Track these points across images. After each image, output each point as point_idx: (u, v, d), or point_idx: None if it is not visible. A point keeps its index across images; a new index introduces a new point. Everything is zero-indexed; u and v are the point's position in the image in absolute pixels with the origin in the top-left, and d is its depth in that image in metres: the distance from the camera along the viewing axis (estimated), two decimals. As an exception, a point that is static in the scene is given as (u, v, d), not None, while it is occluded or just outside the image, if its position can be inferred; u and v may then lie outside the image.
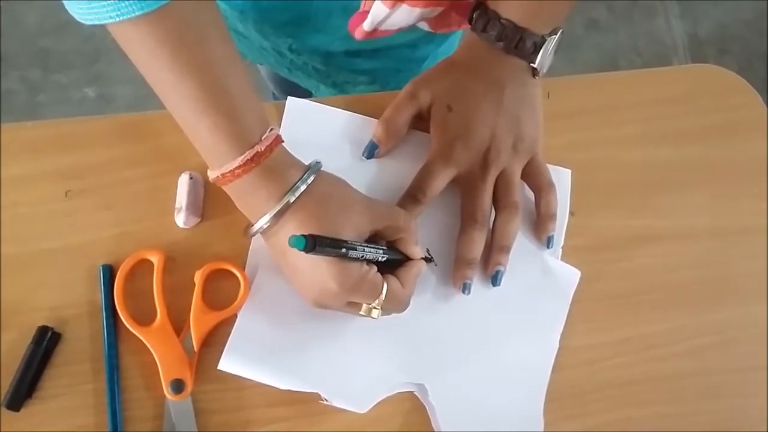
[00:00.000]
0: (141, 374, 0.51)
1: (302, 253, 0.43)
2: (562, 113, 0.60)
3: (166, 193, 0.54)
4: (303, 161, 0.48)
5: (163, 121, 0.57)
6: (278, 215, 0.46)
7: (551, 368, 0.53)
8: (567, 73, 0.60)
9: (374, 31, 0.57)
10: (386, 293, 0.47)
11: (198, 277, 0.52)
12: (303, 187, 0.46)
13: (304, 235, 0.42)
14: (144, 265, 0.52)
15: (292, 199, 0.45)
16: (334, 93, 0.76)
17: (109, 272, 0.52)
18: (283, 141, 0.48)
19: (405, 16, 0.55)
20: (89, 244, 0.53)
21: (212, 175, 0.47)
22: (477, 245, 0.53)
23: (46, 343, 0.50)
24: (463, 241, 0.53)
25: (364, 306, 0.48)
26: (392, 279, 0.48)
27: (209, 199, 0.55)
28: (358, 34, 0.58)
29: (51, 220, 0.54)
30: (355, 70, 0.73)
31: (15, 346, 0.50)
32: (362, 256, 0.46)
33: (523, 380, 0.53)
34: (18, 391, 0.49)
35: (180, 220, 0.54)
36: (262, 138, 0.46)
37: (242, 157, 0.45)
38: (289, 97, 0.58)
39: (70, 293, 0.52)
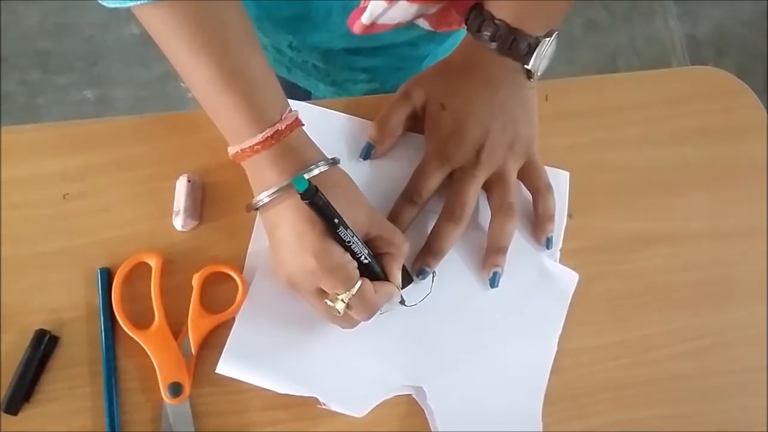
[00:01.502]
0: (139, 377, 0.51)
1: (293, 226, 0.44)
2: (561, 115, 0.60)
3: (165, 196, 0.54)
4: (335, 157, 0.49)
5: (161, 123, 0.57)
6: (283, 190, 0.46)
7: (550, 370, 0.53)
8: (565, 73, 0.60)
9: (372, 25, 0.57)
10: (358, 290, 0.46)
11: (196, 280, 0.52)
12: (317, 171, 0.46)
13: (308, 180, 0.43)
14: (142, 268, 0.52)
15: (307, 176, 0.46)
16: (333, 92, 0.76)
17: (107, 275, 0.52)
18: (303, 124, 0.48)
19: (403, 11, 0.55)
20: (87, 246, 0.53)
21: (232, 150, 0.48)
22: (446, 239, 0.52)
23: (43, 347, 0.50)
24: (434, 232, 0.53)
25: (332, 294, 0.47)
26: (368, 281, 0.47)
27: (207, 202, 0.55)
28: (356, 28, 0.58)
29: (49, 222, 0.54)
30: (355, 68, 0.73)
31: (13, 349, 0.50)
32: (348, 241, 0.46)
33: (522, 382, 0.53)
34: (16, 394, 0.49)
35: (178, 223, 0.53)
36: (282, 117, 0.47)
37: (262, 134, 0.46)
38: (288, 101, 0.57)
39: (68, 296, 0.52)
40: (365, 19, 0.56)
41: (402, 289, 0.51)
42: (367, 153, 0.56)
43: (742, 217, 0.59)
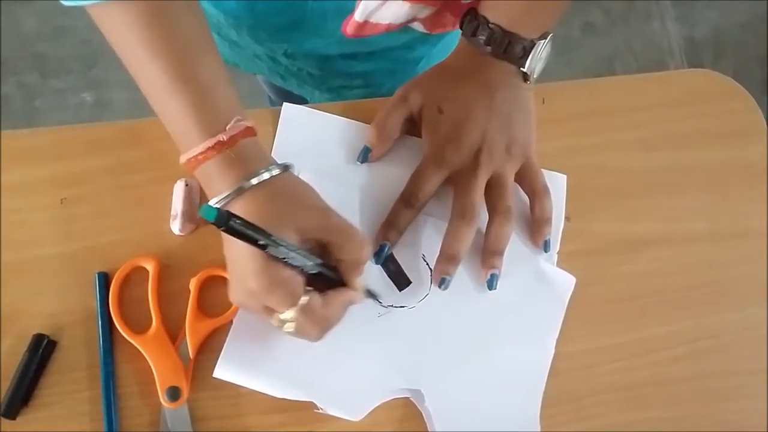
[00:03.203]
0: (137, 382, 0.51)
1: (236, 244, 0.42)
2: (558, 118, 0.60)
3: (162, 200, 0.54)
4: (297, 169, 0.48)
5: (158, 128, 0.57)
6: (227, 200, 0.45)
7: (547, 373, 0.53)
8: (563, 76, 0.60)
9: (365, 24, 0.57)
10: (303, 306, 0.45)
11: (193, 284, 0.52)
12: (255, 181, 0.45)
13: (218, 208, 0.40)
14: (139, 273, 0.52)
15: (246, 185, 0.45)
16: (328, 98, 0.76)
17: (105, 280, 0.52)
18: (255, 134, 0.47)
19: (394, 11, 0.55)
20: (85, 251, 0.53)
21: (182, 159, 0.48)
22: (462, 241, 0.52)
23: (41, 351, 0.50)
24: (448, 236, 0.52)
25: (276, 315, 0.46)
26: (315, 295, 0.46)
27: (205, 206, 0.55)
28: (349, 29, 0.57)
29: (47, 227, 0.54)
30: (351, 74, 0.73)
31: (11, 354, 0.50)
32: (283, 257, 0.43)
33: (520, 385, 0.53)
34: (14, 398, 0.49)
35: (175, 227, 0.53)
36: (227, 128, 0.46)
37: (204, 144, 0.45)
38: (285, 104, 0.58)
39: (66, 300, 0.52)
40: (358, 15, 0.56)
41: (401, 290, 0.51)
42: (364, 156, 0.56)
43: (740, 220, 0.59)
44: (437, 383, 0.52)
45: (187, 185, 0.54)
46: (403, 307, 0.53)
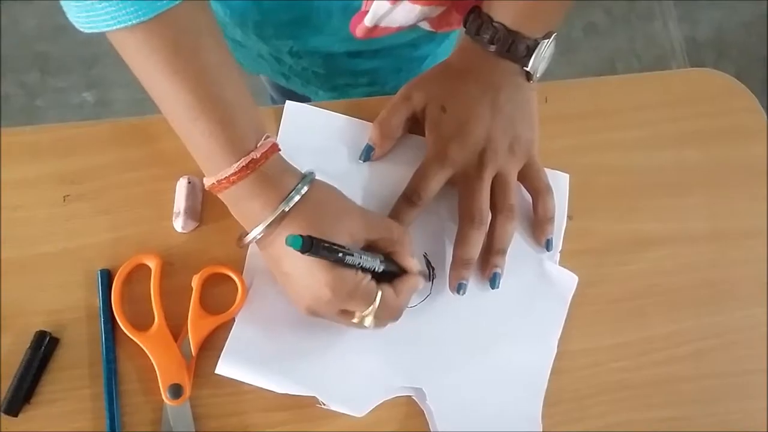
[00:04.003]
0: (139, 379, 0.51)
1: (298, 259, 0.43)
2: (560, 117, 0.60)
3: (165, 198, 0.54)
4: (299, 167, 0.48)
5: (161, 125, 0.57)
6: (273, 224, 0.46)
7: (550, 372, 0.53)
8: (565, 76, 0.60)
9: (375, 28, 0.57)
10: (379, 302, 0.47)
11: (195, 281, 0.52)
12: (297, 197, 0.46)
13: (302, 236, 0.42)
14: (142, 270, 0.52)
15: (287, 208, 0.45)
16: (332, 97, 0.76)
17: (107, 277, 0.52)
18: (279, 149, 0.48)
19: (406, 13, 0.55)
20: (87, 248, 0.53)
21: (208, 182, 0.47)
22: (474, 246, 0.52)
23: (44, 348, 0.50)
24: (461, 241, 0.53)
25: (357, 314, 0.47)
26: (386, 287, 0.48)
27: (207, 204, 0.55)
28: (359, 32, 0.58)
29: (49, 224, 0.54)
30: (356, 72, 0.73)
31: (13, 351, 0.50)
32: (358, 264, 0.46)
33: (522, 384, 0.53)
34: (16, 395, 0.49)
35: (178, 224, 0.53)
36: (258, 145, 0.46)
37: (237, 164, 0.45)
38: (287, 101, 0.58)
39: (68, 297, 0.52)
40: (368, 21, 0.56)
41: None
42: (367, 155, 0.56)
43: (742, 219, 0.59)
44: (439, 382, 0.52)
45: (189, 182, 0.54)
46: (412, 306, 0.53)
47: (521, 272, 0.54)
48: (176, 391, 0.50)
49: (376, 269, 0.48)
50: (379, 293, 0.47)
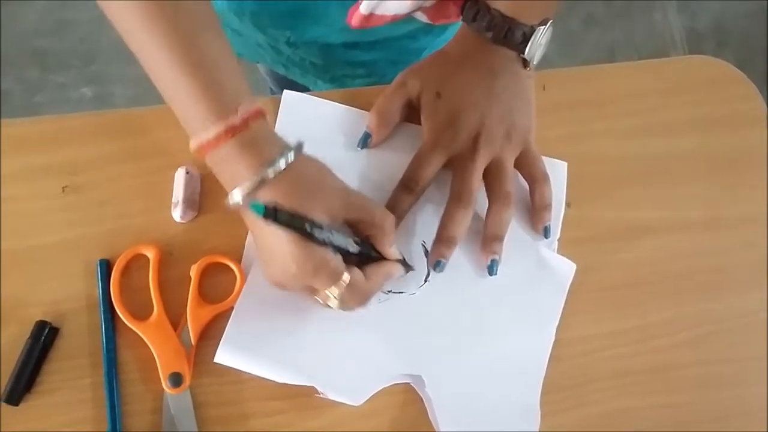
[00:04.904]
0: (139, 368, 0.51)
1: (269, 230, 0.43)
2: (558, 105, 0.60)
3: (163, 188, 0.55)
4: (298, 143, 0.48)
5: (158, 115, 0.57)
6: (253, 190, 0.45)
7: (548, 359, 0.53)
8: (563, 67, 0.60)
9: (371, 16, 0.57)
10: (347, 284, 0.46)
11: (194, 270, 0.52)
12: (282, 165, 0.45)
13: (264, 204, 0.42)
14: (140, 260, 0.52)
15: (271, 174, 0.44)
16: (331, 88, 0.76)
17: (107, 267, 0.52)
18: (265, 116, 0.47)
19: (399, 2, 0.55)
20: (86, 238, 0.53)
21: (192, 144, 0.47)
22: (458, 224, 0.52)
23: (44, 338, 0.50)
24: (444, 219, 0.52)
25: (322, 292, 0.47)
26: (356, 271, 0.47)
27: (206, 194, 0.55)
28: (354, 20, 0.57)
29: (48, 215, 0.54)
30: (353, 63, 0.73)
31: (14, 341, 0.50)
32: (328, 239, 0.45)
33: (520, 371, 0.53)
34: (17, 385, 0.49)
35: (177, 214, 0.54)
36: (239, 111, 0.45)
37: (216, 128, 0.45)
38: (285, 90, 0.58)
39: (68, 288, 0.52)
40: (363, 8, 0.56)
41: (405, 273, 0.52)
42: (365, 142, 0.56)
43: (740, 207, 0.59)
44: (437, 369, 0.52)
45: (188, 173, 0.54)
46: (402, 293, 0.53)
47: (519, 260, 0.54)
48: (176, 379, 0.50)
49: (350, 249, 0.47)
50: (347, 275, 0.46)
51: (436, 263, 0.52)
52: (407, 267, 0.52)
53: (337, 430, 0.51)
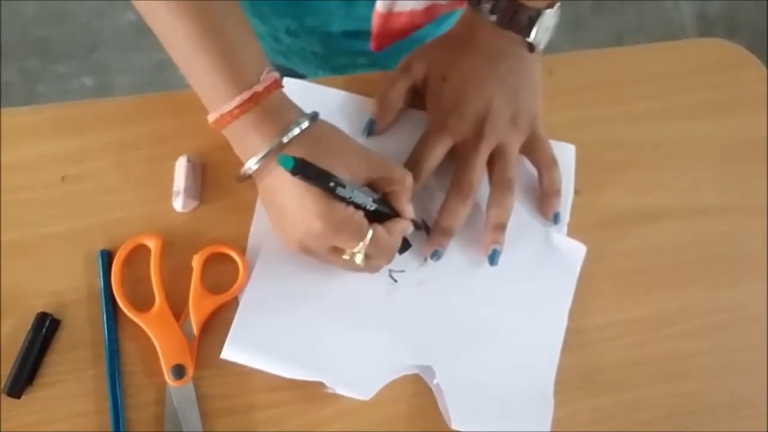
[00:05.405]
0: (141, 360, 0.50)
1: (291, 191, 0.44)
2: (566, 90, 0.59)
3: (164, 177, 0.54)
4: (314, 111, 0.48)
5: (159, 104, 0.57)
6: (270, 155, 0.45)
7: (561, 346, 0.52)
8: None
9: (389, 15, 0.56)
10: (371, 238, 0.46)
11: (196, 261, 0.51)
12: (297, 130, 0.45)
13: (294, 157, 0.42)
14: (142, 250, 0.52)
15: (285, 139, 0.45)
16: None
17: (108, 257, 0.52)
18: (282, 85, 0.47)
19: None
20: (87, 229, 0.52)
21: (211, 117, 0.47)
22: (455, 215, 0.52)
23: (45, 330, 0.50)
24: (443, 209, 0.52)
25: (348, 251, 0.47)
26: (378, 226, 0.47)
27: (207, 183, 0.54)
28: (375, 26, 0.58)
29: (49, 205, 0.53)
30: (354, 52, 0.72)
31: (15, 333, 0.50)
32: (350, 197, 0.45)
33: (533, 358, 0.52)
34: (18, 377, 0.49)
35: (178, 204, 0.53)
36: (261, 79, 0.45)
37: (240, 97, 0.45)
38: (285, 78, 0.56)
39: (69, 279, 0.51)
40: (380, 6, 0.55)
41: (400, 254, 0.51)
42: (370, 129, 0.55)
43: (752, 192, 0.58)
44: (448, 359, 0.51)
45: (189, 162, 0.53)
46: (404, 271, 0.52)
47: (529, 246, 0.54)
48: (179, 371, 0.49)
49: (368, 207, 0.47)
50: (371, 230, 0.46)
51: (433, 253, 0.52)
52: (418, 226, 0.52)
53: (344, 421, 0.50)
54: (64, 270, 0.52)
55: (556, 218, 0.54)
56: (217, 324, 0.50)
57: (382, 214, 0.48)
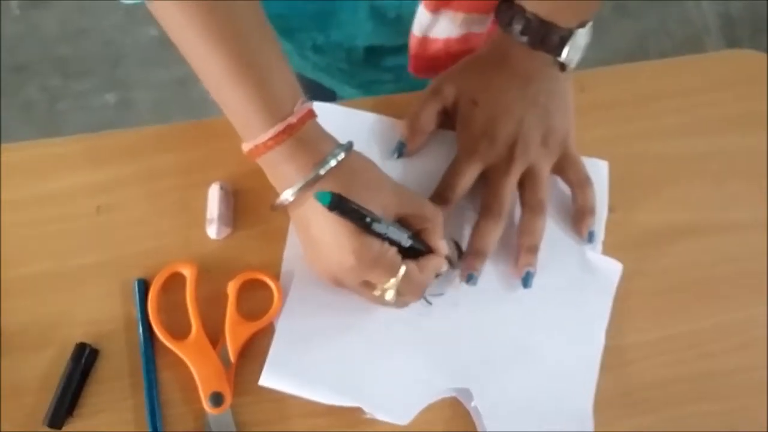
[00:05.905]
0: (180, 388, 0.50)
1: (326, 224, 0.44)
2: (597, 106, 0.58)
3: (196, 205, 0.54)
4: (348, 142, 0.48)
5: (186, 132, 0.57)
6: (306, 187, 0.45)
7: (599, 366, 0.52)
8: (595, 57, 0.58)
9: (425, 40, 0.57)
10: (403, 275, 0.46)
11: (231, 288, 0.51)
12: (333, 162, 0.45)
13: (331, 192, 0.42)
14: (178, 278, 0.52)
15: (322, 171, 0.45)
16: (359, 94, 0.75)
17: (144, 286, 0.52)
18: (316, 115, 0.47)
19: (448, 24, 0.54)
20: (123, 258, 0.53)
21: (245, 147, 0.47)
22: (488, 237, 0.51)
23: (84, 360, 0.50)
24: (475, 232, 0.52)
25: (379, 286, 0.47)
26: (410, 262, 0.47)
27: (240, 209, 0.54)
28: (413, 48, 0.58)
29: (84, 235, 0.54)
30: (380, 68, 0.72)
31: (54, 364, 0.50)
32: (385, 233, 0.46)
33: (571, 379, 0.51)
34: (59, 408, 0.49)
35: (212, 231, 0.53)
36: (295, 110, 0.45)
37: (274, 128, 0.45)
38: (314, 102, 0.57)
39: (106, 308, 0.52)
40: (416, 30, 0.55)
41: (436, 277, 0.51)
42: (400, 151, 0.55)
43: (789, 205, 0.57)
44: (485, 381, 0.51)
45: (222, 189, 0.54)
46: (442, 294, 0.52)
47: (564, 265, 0.53)
48: (217, 399, 0.49)
49: (403, 243, 0.47)
50: (403, 267, 0.46)
51: (468, 277, 0.51)
52: (452, 264, 0.52)
53: (382, 446, 0.50)
54: (101, 300, 0.52)
55: (590, 237, 0.54)
56: (254, 350, 0.51)
57: (415, 250, 0.48)
